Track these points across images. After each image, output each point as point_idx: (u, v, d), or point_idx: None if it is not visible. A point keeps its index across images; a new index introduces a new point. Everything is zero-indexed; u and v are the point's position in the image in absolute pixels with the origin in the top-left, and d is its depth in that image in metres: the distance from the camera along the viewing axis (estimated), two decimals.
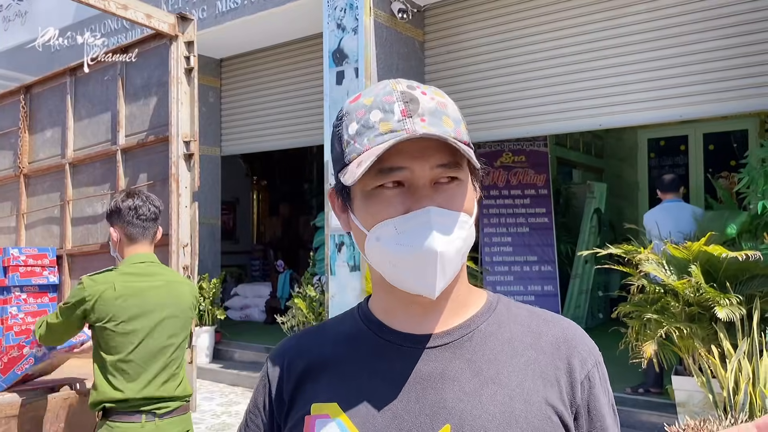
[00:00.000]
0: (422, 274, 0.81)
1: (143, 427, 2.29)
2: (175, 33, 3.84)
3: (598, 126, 6.57)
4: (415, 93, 0.83)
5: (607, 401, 0.90)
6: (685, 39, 5.72)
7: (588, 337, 0.93)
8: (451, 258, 0.82)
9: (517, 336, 0.89)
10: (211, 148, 9.02)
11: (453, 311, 0.90)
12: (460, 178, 0.85)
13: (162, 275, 2.49)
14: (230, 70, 9.28)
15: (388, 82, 0.86)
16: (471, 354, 0.87)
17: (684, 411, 4.51)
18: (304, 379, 0.91)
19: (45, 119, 4.80)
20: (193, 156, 3.86)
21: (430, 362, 0.86)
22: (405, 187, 0.82)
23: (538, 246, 7.72)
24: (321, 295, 6.83)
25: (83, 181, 4.47)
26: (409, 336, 0.88)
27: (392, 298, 0.89)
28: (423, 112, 0.81)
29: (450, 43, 6.97)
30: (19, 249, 4.21)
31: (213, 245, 9.08)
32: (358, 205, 0.86)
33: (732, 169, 7.72)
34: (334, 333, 0.95)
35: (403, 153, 0.81)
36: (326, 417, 0.85)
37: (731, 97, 5.58)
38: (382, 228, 0.82)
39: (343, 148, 0.84)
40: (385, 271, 0.85)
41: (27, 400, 2.84)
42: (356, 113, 0.84)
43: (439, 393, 0.84)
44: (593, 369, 0.89)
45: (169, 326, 2.41)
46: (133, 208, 2.50)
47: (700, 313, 4.44)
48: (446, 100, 0.86)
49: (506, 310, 0.93)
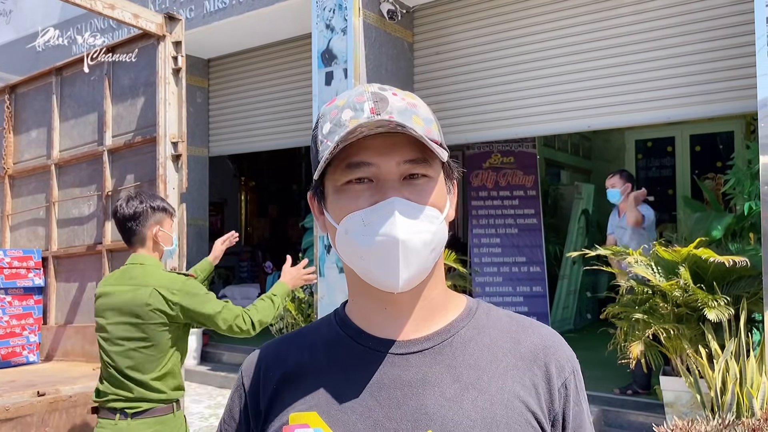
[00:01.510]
0: (386, 264, 0.81)
1: (116, 425, 2.35)
2: (162, 33, 3.81)
3: (587, 127, 6.60)
4: (386, 93, 0.85)
5: (583, 408, 0.91)
6: (672, 41, 5.76)
7: (566, 345, 0.94)
8: (417, 249, 0.81)
9: (496, 341, 0.89)
10: (198, 148, 8.96)
11: (430, 315, 0.89)
12: (429, 175, 0.85)
13: (135, 279, 2.46)
14: (218, 71, 9.23)
15: (362, 85, 0.89)
16: (451, 359, 0.87)
17: (672, 411, 4.54)
18: (281, 388, 0.90)
19: (30, 119, 4.74)
20: (180, 157, 3.83)
21: (410, 368, 0.86)
22: (374, 182, 0.83)
23: (527, 247, 7.74)
24: (310, 297, 6.81)
25: (69, 183, 4.42)
26: (388, 341, 0.88)
27: (367, 300, 0.89)
28: (392, 110, 0.82)
29: (439, 44, 6.97)
30: (4, 251, 4.16)
31: (201, 246, 9.02)
32: (330, 201, 0.87)
33: (718, 170, 7.78)
34: (311, 340, 0.94)
35: (371, 149, 0.82)
36: (305, 426, 0.84)
37: (717, 99, 5.62)
38: (350, 220, 0.83)
39: (317, 148, 0.86)
40: (354, 264, 0.86)
41: (13, 405, 2.80)
42: (330, 114, 0.86)
43: (420, 399, 0.83)
44: (570, 377, 0.90)
45: (131, 332, 2.40)
46: (113, 213, 2.57)
47: (688, 313, 4.47)
48: (417, 102, 0.87)
49: (486, 315, 0.93)
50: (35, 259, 4.19)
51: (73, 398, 2.99)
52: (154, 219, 2.54)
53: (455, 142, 6.96)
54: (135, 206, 2.50)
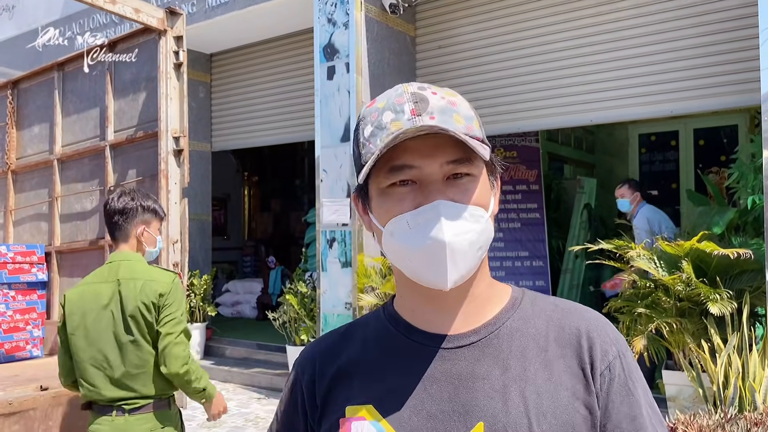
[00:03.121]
0: (434, 266, 0.83)
1: (113, 421, 2.34)
2: (163, 28, 3.81)
3: (590, 121, 6.57)
4: (425, 93, 0.85)
5: (634, 392, 0.88)
6: (676, 34, 5.73)
7: (611, 327, 0.93)
8: (464, 250, 0.83)
9: (542, 331, 0.90)
10: (201, 143, 8.97)
11: (477, 309, 0.91)
12: (473, 173, 0.86)
13: (120, 273, 2.44)
14: (220, 66, 9.22)
15: (401, 85, 0.88)
16: (498, 352, 0.88)
17: (674, 405, 4.54)
18: (336, 382, 0.92)
19: (32, 115, 4.75)
20: (182, 152, 3.83)
21: (459, 362, 0.87)
22: (417, 184, 0.84)
23: (530, 241, 7.73)
24: (312, 291, 6.81)
25: (72, 178, 4.43)
26: (437, 336, 0.89)
27: (415, 295, 0.91)
28: (432, 111, 0.83)
29: (441, 38, 6.95)
30: (7, 246, 4.17)
31: (204, 241, 9.05)
32: (375, 204, 0.88)
33: (722, 164, 7.75)
34: (362, 335, 0.96)
35: (414, 151, 0.83)
36: (362, 419, 0.87)
37: (721, 93, 5.60)
38: (395, 223, 0.85)
39: (360, 151, 0.87)
40: (401, 265, 0.87)
41: (16, 399, 2.81)
42: (371, 116, 0.87)
43: (470, 392, 0.85)
44: (615, 360, 0.88)
45: (121, 328, 2.38)
46: (104, 204, 2.56)
47: (691, 308, 4.46)
48: (457, 99, 0.88)
49: (531, 304, 0.94)
50: (38, 254, 4.20)
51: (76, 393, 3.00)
52: (142, 218, 2.53)
53: None
54: (125, 202, 2.50)
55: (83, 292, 2.46)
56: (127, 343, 2.37)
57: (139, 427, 2.34)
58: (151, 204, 2.57)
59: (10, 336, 3.98)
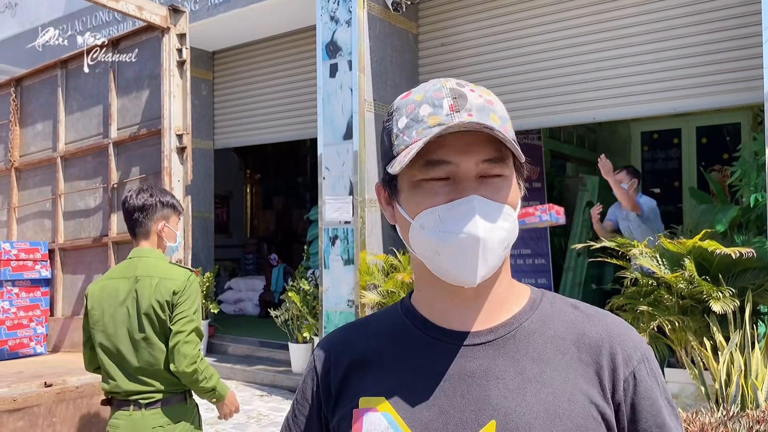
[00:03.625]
0: (464, 261, 0.83)
1: (130, 416, 2.36)
2: (166, 25, 3.81)
3: (592, 119, 6.57)
4: (464, 90, 0.86)
5: (659, 395, 0.89)
6: (679, 32, 5.72)
7: (634, 332, 0.92)
8: (494, 246, 0.83)
9: (560, 333, 0.90)
10: (203, 141, 8.98)
11: (496, 307, 0.91)
12: (505, 174, 0.86)
13: (138, 270, 2.46)
14: (223, 63, 9.23)
15: (439, 80, 0.89)
16: (514, 352, 0.88)
17: (676, 403, 4.53)
18: (351, 373, 0.93)
19: (36, 112, 4.76)
20: (185, 149, 3.84)
21: (474, 359, 0.88)
22: (451, 180, 0.84)
23: (532, 239, 7.73)
24: (315, 289, 6.82)
25: (75, 175, 4.44)
26: (454, 333, 0.90)
27: (434, 291, 0.91)
28: (471, 108, 0.84)
29: (444, 36, 6.95)
30: (11, 243, 4.18)
31: (206, 239, 9.06)
32: (405, 196, 0.88)
33: (725, 162, 7.75)
34: (379, 328, 0.97)
35: (450, 147, 0.83)
36: (374, 410, 0.88)
37: (724, 91, 5.59)
38: (426, 216, 0.84)
39: (392, 141, 0.87)
40: (428, 259, 0.87)
41: (20, 395, 2.83)
42: (406, 108, 0.87)
43: (484, 390, 0.85)
44: (639, 365, 0.88)
45: (137, 323, 2.40)
46: (123, 203, 2.56)
47: (693, 305, 4.46)
48: (494, 99, 0.88)
49: (550, 306, 0.94)
50: (42, 252, 4.21)
51: (80, 389, 3.02)
52: (162, 214, 2.54)
53: None
54: (145, 198, 2.51)
55: (104, 287, 2.49)
56: (140, 340, 2.39)
57: (154, 421, 2.36)
58: (169, 199, 2.59)
59: (14, 333, 3.99)
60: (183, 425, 2.43)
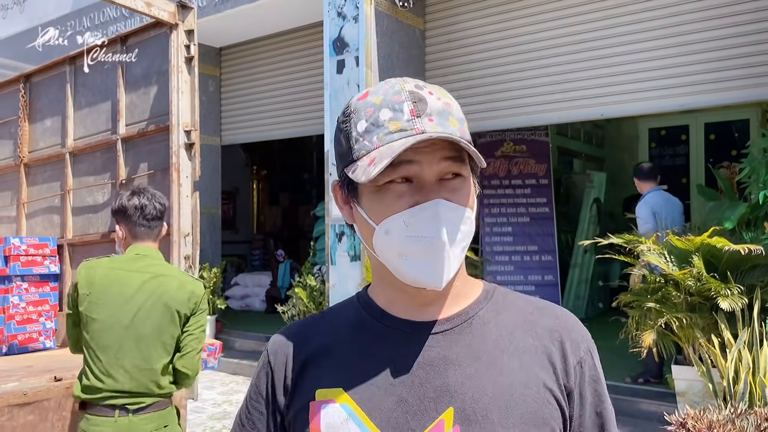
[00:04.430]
0: (431, 266, 0.84)
1: (116, 422, 2.25)
2: (175, 21, 3.82)
3: (600, 115, 6.55)
4: (423, 93, 0.85)
5: (602, 387, 0.93)
6: (687, 28, 5.69)
7: (581, 325, 0.96)
8: (457, 251, 0.85)
9: (514, 323, 0.92)
10: (210, 137, 8.99)
11: (452, 300, 0.92)
12: (464, 174, 0.87)
13: (152, 267, 2.42)
14: (230, 59, 9.23)
15: (396, 81, 0.88)
16: (471, 339, 0.89)
17: (684, 400, 4.53)
18: (307, 365, 0.92)
19: (45, 108, 4.78)
20: (193, 145, 3.85)
21: (432, 348, 0.88)
22: (413, 182, 0.84)
23: (539, 236, 7.72)
24: (321, 285, 6.84)
25: (83, 171, 4.46)
26: (411, 323, 0.90)
27: (394, 288, 0.91)
28: (431, 112, 0.84)
29: (451, 31, 6.93)
30: (20, 238, 4.20)
31: (213, 235, 9.09)
32: (367, 200, 0.88)
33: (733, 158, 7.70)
34: (336, 321, 0.97)
35: (412, 150, 0.83)
36: (332, 401, 0.87)
37: (733, 87, 5.56)
38: (392, 222, 0.84)
39: (351, 145, 0.86)
40: (392, 262, 0.87)
41: (30, 389, 2.85)
42: (365, 111, 0.86)
43: (442, 377, 0.86)
44: (585, 356, 0.92)
45: (146, 319, 2.33)
46: (139, 208, 2.47)
47: (701, 302, 4.44)
48: (451, 101, 0.88)
49: (502, 298, 0.96)
50: (51, 247, 4.23)
51: None
52: (165, 218, 2.60)
53: None
54: (162, 203, 2.53)
55: (107, 276, 2.39)
56: (146, 337, 2.32)
57: (144, 426, 2.28)
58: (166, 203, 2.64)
59: (24, 327, 4.02)
60: (170, 429, 2.37)
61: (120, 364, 2.30)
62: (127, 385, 2.28)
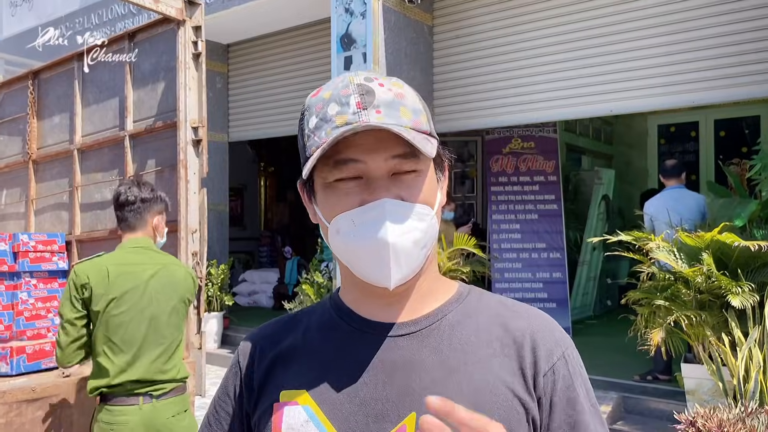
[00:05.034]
0: (378, 266, 0.82)
1: (141, 409, 2.33)
2: (182, 18, 3.81)
3: (609, 112, 6.50)
4: (372, 85, 0.83)
5: (579, 394, 0.87)
6: (697, 23, 5.64)
7: (558, 329, 0.91)
8: (408, 250, 0.81)
9: (484, 326, 0.89)
10: (218, 134, 9.00)
11: (420, 301, 0.90)
12: (419, 169, 0.84)
13: (156, 258, 2.51)
14: (237, 56, 9.24)
15: (347, 74, 0.86)
16: (438, 343, 0.87)
17: (693, 399, 4.50)
18: (275, 367, 0.91)
19: (53, 105, 4.79)
20: (201, 142, 3.85)
21: (397, 350, 0.86)
22: (363, 179, 0.82)
23: (547, 233, 7.68)
24: (329, 282, 6.84)
25: (92, 167, 4.47)
26: (377, 324, 0.89)
27: (358, 289, 0.90)
28: (378, 104, 0.81)
29: (459, 27, 6.90)
30: (29, 235, 4.21)
31: (221, 231, 9.10)
32: (320, 198, 0.87)
33: (744, 155, 7.64)
34: (306, 322, 0.95)
35: (358, 146, 0.81)
36: (294, 404, 0.86)
37: (744, 83, 5.51)
38: (341, 220, 0.83)
39: (305, 142, 0.85)
40: (346, 261, 0.86)
41: (39, 385, 2.86)
42: (315, 107, 0.84)
43: (406, 381, 0.84)
44: (559, 361, 0.88)
45: (163, 308, 2.42)
46: (115, 198, 2.58)
47: (711, 300, 4.41)
48: (405, 91, 0.85)
49: (477, 300, 0.93)
50: (59, 243, 4.24)
51: None
52: (158, 208, 2.59)
53: (475, 127, 6.92)
54: (148, 191, 2.56)
55: (121, 272, 2.43)
56: (168, 325, 2.42)
57: (168, 411, 2.37)
58: (164, 196, 2.65)
59: (32, 323, 4.03)
60: (189, 413, 2.47)
61: (144, 354, 2.38)
62: (151, 374, 2.36)
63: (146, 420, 2.33)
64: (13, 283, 4.01)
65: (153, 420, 2.33)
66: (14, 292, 3.99)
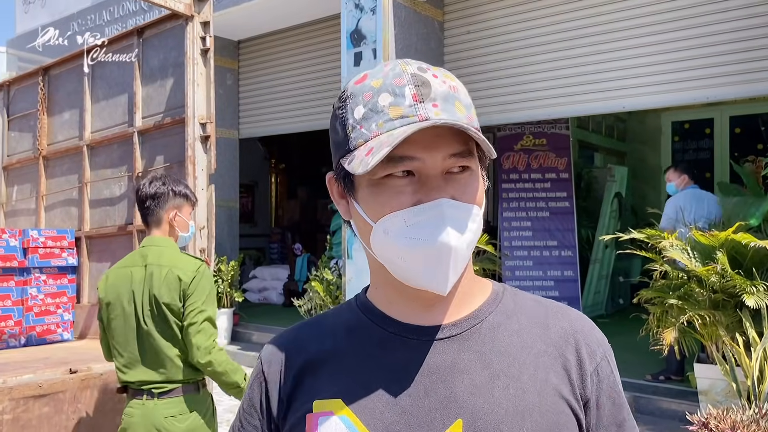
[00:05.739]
0: (433, 271, 0.77)
1: (144, 405, 2.38)
2: (191, 13, 3.80)
3: (622, 108, 6.43)
4: (427, 76, 0.78)
5: (620, 393, 0.88)
6: (711, 18, 5.55)
7: (597, 329, 0.90)
8: (464, 253, 0.78)
9: (525, 327, 0.86)
10: (229, 130, 9.01)
11: (458, 302, 0.86)
12: (472, 167, 0.80)
13: (150, 258, 2.46)
14: (248, 52, 9.23)
15: (397, 62, 0.81)
16: (480, 345, 0.83)
17: (706, 399, 4.44)
18: (303, 375, 0.86)
19: (63, 101, 4.80)
20: (209, 138, 3.83)
21: (438, 354, 0.82)
22: (416, 177, 0.78)
23: (559, 231, 7.62)
24: (338, 279, 6.82)
25: (101, 163, 4.48)
26: (415, 327, 0.84)
27: (394, 290, 0.85)
28: (435, 97, 0.77)
29: (470, 23, 6.85)
30: (39, 231, 4.23)
31: (231, 228, 9.12)
32: (364, 194, 0.81)
33: (759, 153, 7.53)
34: (333, 325, 0.90)
35: (414, 142, 0.75)
36: (330, 414, 0.81)
37: (760, 78, 5.42)
38: (391, 220, 0.78)
39: (347, 133, 0.79)
40: (391, 263, 0.81)
41: (46, 381, 2.86)
42: (363, 96, 0.79)
43: (449, 386, 0.80)
44: (602, 362, 0.86)
45: (146, 312, 2.40)
46: (135, 191, 2.58)
47: (725, 300, 4.34)
48: (457, 84, 0.81)
49: (512, 300, 0.90)
50: (69, 239, 4.26)
51: (104, 376, 3.04)
52: (174, 203, 2.53)
53: (486, 123, 6.85)
54: (157, 187, 2.52)
55: (117, 276, 2.50)
56: (150, 328, 2.40)
57: (167, 410, 2.37)
58: (182, 189, 2.58)
59: (42, 319, 4.05)
60: (194, 416, 2.42)
61: (137, 358, 2.42)
62: (149, 376, 2.40)
63: (145, 416, 2.36)
64: (23, 279, 4.03)
65: (151, 417, 2.35)
66: (24, 288, 4.01)
